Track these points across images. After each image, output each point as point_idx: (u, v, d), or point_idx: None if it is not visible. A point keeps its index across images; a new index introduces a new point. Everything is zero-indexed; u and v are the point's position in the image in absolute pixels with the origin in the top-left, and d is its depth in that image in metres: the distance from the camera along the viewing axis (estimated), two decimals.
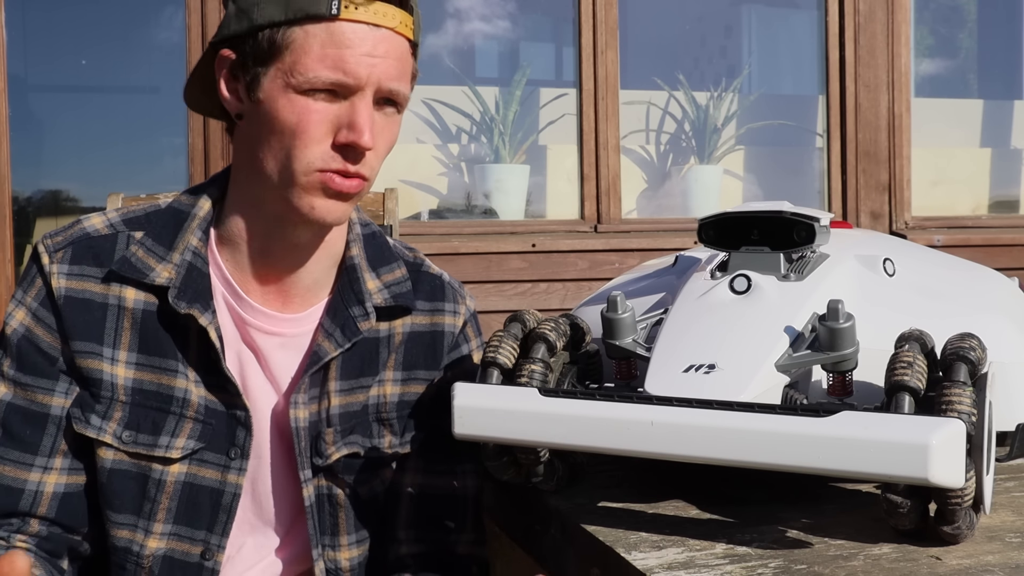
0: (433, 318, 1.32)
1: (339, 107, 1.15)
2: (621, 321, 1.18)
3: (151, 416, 1.21)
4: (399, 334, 1.30)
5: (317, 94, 1.14)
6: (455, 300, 1.34)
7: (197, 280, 1.21)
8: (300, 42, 1.13)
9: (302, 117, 1.14)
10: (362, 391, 1.28)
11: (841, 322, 1.08)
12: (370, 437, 1.28)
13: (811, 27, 3.87)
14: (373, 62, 1.14)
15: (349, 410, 1.27)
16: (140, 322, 1.21)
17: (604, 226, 3.52)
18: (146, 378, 1.21)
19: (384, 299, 1.28)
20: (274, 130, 1.16)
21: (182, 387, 1.21)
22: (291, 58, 1.14)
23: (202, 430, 1.21)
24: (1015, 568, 0.98)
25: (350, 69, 1.13)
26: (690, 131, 3.90)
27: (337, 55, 1.13)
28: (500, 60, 4.04)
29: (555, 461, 1.21)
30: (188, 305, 1.19)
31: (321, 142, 1.15)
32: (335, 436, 1.25)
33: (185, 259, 1.21)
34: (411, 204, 3.59)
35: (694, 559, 1.03)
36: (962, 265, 1.49)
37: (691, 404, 1.03)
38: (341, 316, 1.25)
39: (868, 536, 1.08)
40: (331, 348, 1.24)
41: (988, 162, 4.21)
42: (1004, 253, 3.63)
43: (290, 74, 1.14)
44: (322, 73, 1.13)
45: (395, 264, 1.31)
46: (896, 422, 0.96)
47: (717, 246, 1.24)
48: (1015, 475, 1.30)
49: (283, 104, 1.14)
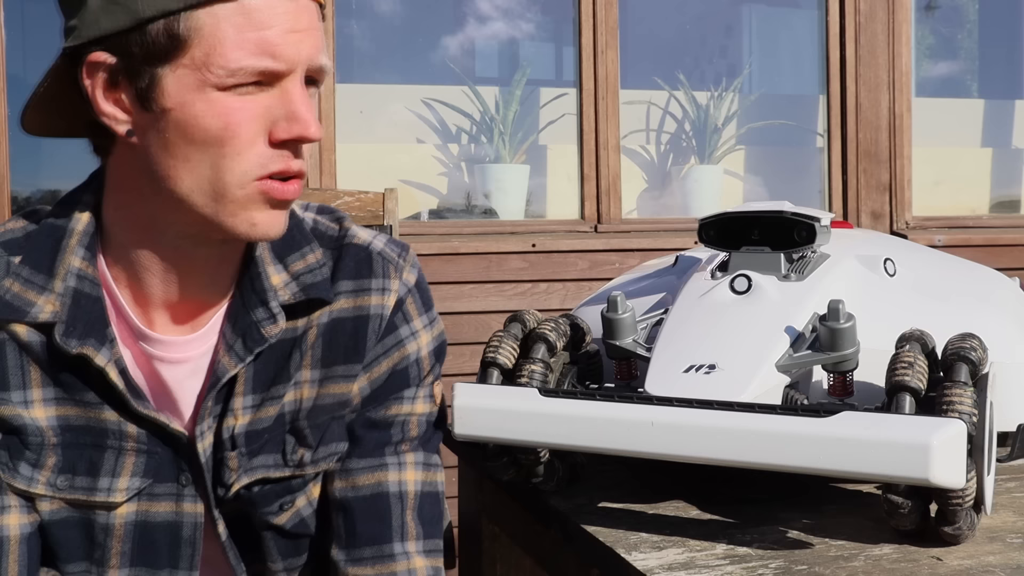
0: (357, 300, 1.11)
1: (268, 97, 0.97)
2: (621, 321, 1.18)
3: (86, 454, 1.05)
4: (314, 327, 1.09)
5: (242, 88, 0.95)
6: (384, 274, 1.12)
7: (87, 308, 1.03)
8: (210, 29, 0.94)
9: (229, 119, 0.95)
10: (274, 403, 1.09)
11: (842, 322, 1.07)
12: (282, 454, 1.10)
13: (812, 27, 3.86)
14: (300, 38, 0.97)
15: (257, 427, 1.08)
16: (43, 358, 1.04)
17: (604, 226, 3.51)
18: (71, 413, 1.05)
19: (292, 294, 1.08)
20: (192, 141, 0.96)
21: (114, 419, 1.05)
22: (201, 50, 0.94)
23: (147, 462, 1.06)
24: (1016, 569, 0.98)
25: (279, 52, 0.95)
26: (690, 131, 3.90)
27: (260, 38, 0.95)
28: (500, 60, 4.04)
29: (555, 461, 1.21)
30: (80, 343, 1.02)
31: (255, 144, 0.97)
32: (239, 460, 1.08)
33: (69, 285, 1.03)
34: (411, 204, 3.59)
35: (694, 559, 1.03)
36: (963, 265, 1.48)
37: (691, 404, 1.03)
38: (243, 323, 1.06)
39: (869, 537, 1.08)
40: (231, 364, 1.05)
41: (989, 162, 4.20)
42: (1005, 253, 3.62)
43: (205, 69, 0.94)
44: (247, 62, 0.94)
45: (308, 248, 1.10)
46: (897, 422, 0.96)
47: (717, 246, 1.24)
48: (1016, 475, 1.30)
49: (201, 108, 0.95)
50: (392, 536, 1.11)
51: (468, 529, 1.58)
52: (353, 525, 1.11)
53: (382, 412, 1.13)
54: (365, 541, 1.11)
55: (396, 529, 1.11)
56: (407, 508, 1.12)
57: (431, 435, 1.17)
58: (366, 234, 1.14)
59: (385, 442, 1.13)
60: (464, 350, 3.17)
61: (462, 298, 3.25)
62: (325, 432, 1.11)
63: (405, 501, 1.12)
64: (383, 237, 1.14)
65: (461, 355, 3.16)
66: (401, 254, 1.14)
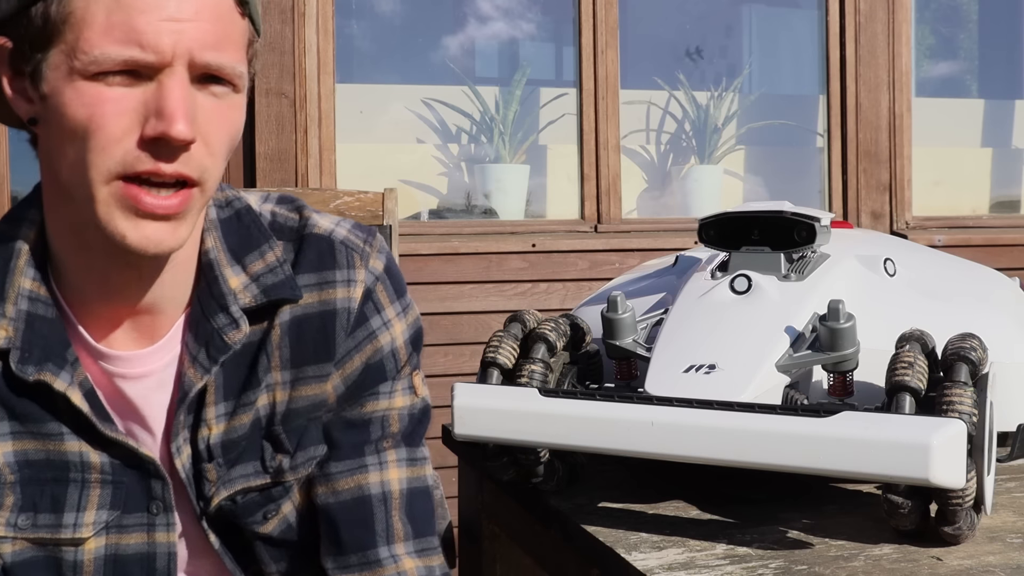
0: (322, 294, 1.04)
1: (143, 91, 0.88)
2: (621, 321, 1.18)
3: (48, 491, 0.99)
4: (277, 327, 1.03)
5: (110, 77, 0.87)
6: (349, 264, 1.05)
7: (43, 332, 0.97)
8: (80, 13, 0.87)
9: (94, 109, 0.87)
10: (246, 409, 1.03)
11: (842, 322, 1.07)
12: (261, 461, 1.05)
13: (812, 27, 3.86)
14: (178, 28, 0.87)
15: (232, 436, 1.03)
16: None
17: (604, 226, 3.51)
18: (30, 447, 0.98)
19: (253, 296, 1.02)
20: (64, 131, 0.89)
21: (75, 450, 0.99)
22: (72, 35, 0.87)
23: (113, 493, 1.00)
24: (1016, 569, 0.98)
25: (147, 40, 0.86)
26: (690, 131, 3.90)
27: (127, 23, 0.86)
28: (500, 60, 4.04)
29: (555, 461, 1.21)
30: (37, 369, 0.95)
31: (122, 140, 0.88)
32: (217, 471, 1.03)
33: (21, 309, 0.96)
34: (411, 204, 3.59)
35: (694, 559, 1.03)
36: (963, 265, 1.49)
37: (691, 404, 1.03)
38: (204, 331, 1.00)
39: (869, 536, 1.08)
40: (196, 376, 1.00)
41: (989, 162, 4.20)
42: (1005, 253, 3.62)
43: (72, 56, 0.87)
44: (110, 49, 0.86)
45: (266, 245, 1.03)
46: (897, 422, 0.96)
47: (717, 246, 1.24)
48: (1016, 475, 1.30)
49: (70, 96, 0.88)
50: (377, 541, 1.06)
51: (468, 529, 1.58)
52: (337, 532, 1.07)
53: (359, 410, 1.07)
54: (350, 548, 1.06)
55: (381, 533, 1.06)
56: (392, 509, 1.07)
57: (413, 428, 1.10)
58: (327, 222, 1.07)
59: (364, 441, 1.07)
60: (464, 350, 3.17)
61: (462, 298, 3.25)
62: (302, 436, 1.06)
63: (390, 502, 1.07)
64: (346, 223, 1.07)
65: (461, 355, 3.16)
66: (367, 240, 1.07)
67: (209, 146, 0.92)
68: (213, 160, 0.92)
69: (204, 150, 0.91)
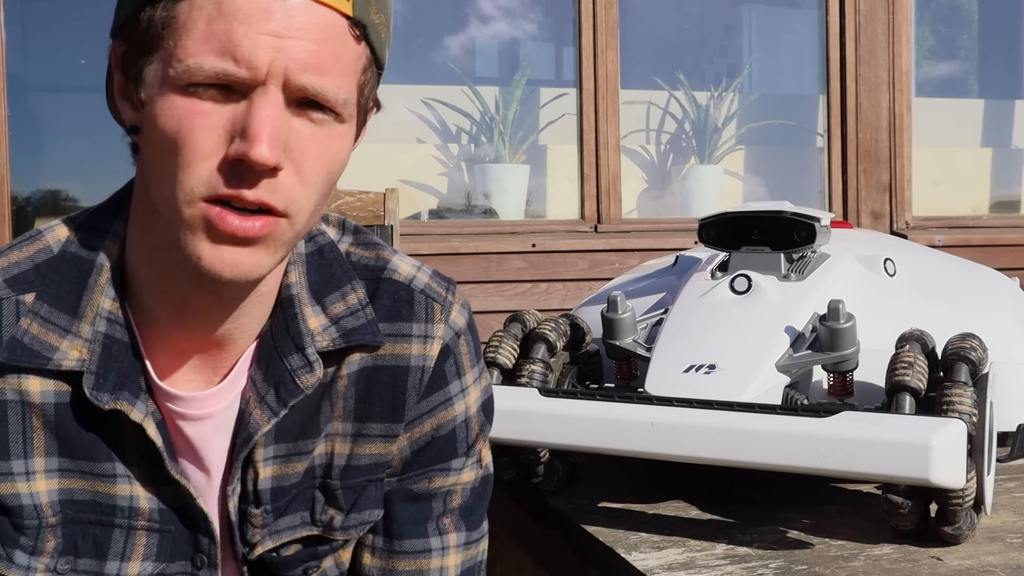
0: (396, 347, 0.97)
1: (233, 109, 0.81)
2: (621, 321, 1.18)
3: (91, 533, 0.92)
4: (344, 376, 0.96)
5: (202, 90, 0.81)
6: (428, 318, 0.98)
7: (119, 357, 0.89)
8: (183, 19, 0.81)
9: (183, 123, 0.81)
10: (302, 458, 0.96)
11: (842, 322, 1.07)
12: (311, 512, 0.98)
13: (812, 27, 3.86)
14: (278, 44, 0.80)
15: (284, 483, 0.96)
16: (54, 419, 0.90)
17: (604, 226, 3.51)
18: (76, 486, 0.92)
19: (331, 340, 0.94)
20: (155, 143, 0.83)
21: (125, 493, 0.92)
22: (171, 41, 0.81)
23: (160, 542, 0.94)
24: (1016, 568, 0.98)
25: (242, 53, 0.79)
26: (690, 131, 3.90)
27: (225, 33, 0.80)
28: (500, 60, 4.04)
29: (555, 461, 1.21)
30: (113, 397, 0.88)
31: (208, 158, 0.81)
32: (264, 518, 0.96)
33: (98, 331, 0.89)
34: (411, 204, 3.59)
35: (694, 559, 1.03)
36: (963, 265, 1.49)
37: (691, 404, 1.03)
38: (275, 371, 0.93)
39: (869, 536, 1.08)
40: (263, 418, 0.92)
41: (989, 162, 4.20)
42: (1005, 253, 3.62)
43: (168, 64, 0.81)
44: (205, 59, 0.80)
45: (348, 287, 0.96)
46: (897, 422, 0.96)
47: (717, 246, 1.24)
48: (1016, 475, 1.30)
49: (162, 106, 0.82)
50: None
51: None
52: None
53: (425, 484, 1.01)
54: None
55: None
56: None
57: (475, 501, 1.04)
58: (408, 267, 0.99)
59: (426, 518, 1.01)
60: None
61: None
62: (360, 496, 0.99)
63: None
64: (427, 269, 1.00)
65: None
66: (449, 289, 1.00)
67: (301, 175, 0.84)
68: (305, 192, 0.84)
69: (295, 179, 0.83)
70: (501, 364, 1.18)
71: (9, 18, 3.27)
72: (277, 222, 0.83)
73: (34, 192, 3.89)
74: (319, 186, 0.85)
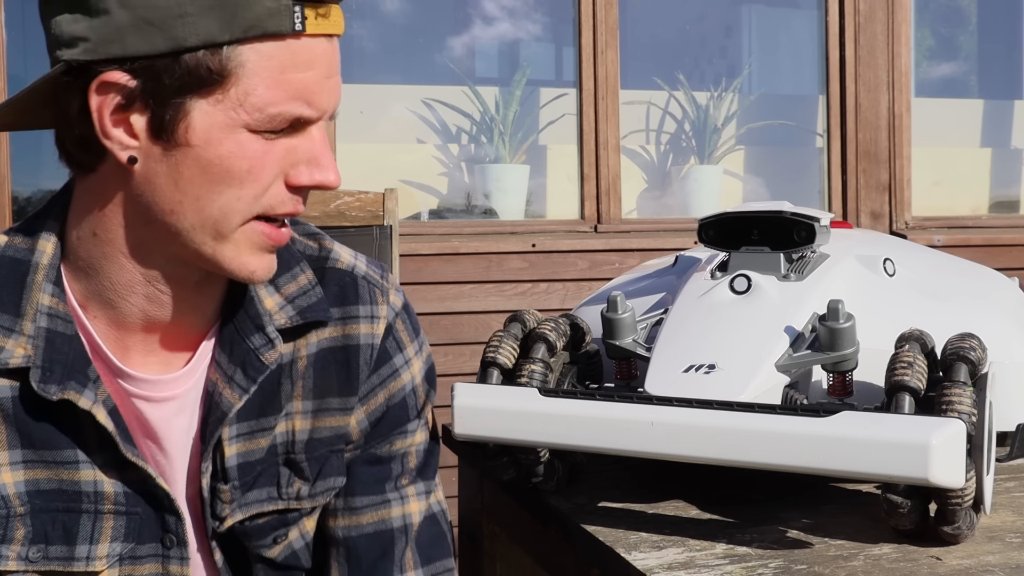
0: (346, 328, 1.06)
1: (291, 140, 0.92)
2: (621, 321, 1.18)
3: (60, 520, 0.96)
4: (303, 357, 1.04)
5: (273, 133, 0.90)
6: (372, 300, 1.07)
7: (63, 349, 0.94)
8: (252, 66, 0.87)
9: (256, 163, 0.90)
10: (265, 434, 1.03)
11: (841, 322, 1.07)
12: (277, 487, 1.05)
13: (811, 27, 3.87)
14: (332, 85, 0.93)
15: (250, 459, 1.02)
16: (12, 413, 0.95)
17: (604, 226, 3.52)
18: (41, 476, 0.96)
19: (289, 317, 1.02)
20: (211, 179, 0.90)
21: (89, 479, 0.96)
22: (240, 87, 0.88)
23: (127, 524, 0.98)
24: (1015, 568, 0.98)
25: (316, 100, 0.91)
26: (690, 131, 3.90)
27: (300, 83, 0.89)
28: (500, 60, 4.04)
29: (555, 461, 1.21)
30: (60, 388, 0.93)
31: (270, 186, 0.92)
32: (232, 493, 1.02)
33: (40, 326, 0.94)
34: (411, 204, 3.59)
35: (694, 559, 1.03)
36: (962, 265, 1.49)
37: (691, 404, 1.03)
38: (239, 351, 1.00)
39: (868, 536, 1.08)
40: (235, 397, 0.99)
41: (988, 162, 4.21)
42: (1004, 253, 3.62)
43: (240, 109, 0.88)
44: (285, 107, 0.89)
45: (297, 268, 1.05)
46: (896, 422, 0.96)
47: (717, 246, 1.24)
48: (1015, 475, 1.30)
49: (231, 148, 0.89)
50: (393, 570, 1.08)
51: (468, 529, 1.58)
52: (359, 562, 1.08)
53: (385, 448, 1.10)
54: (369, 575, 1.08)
55: (398, 562, 1.09)
56: (410, 539, 1.09)
57: (427, 460, 1.13)
58: (347, 255, 1.09)
59: (386, 477, 1.09)
60: (464, 350, 3.17)
61: (462, 298, 3.25)
62: (323, 465, 1.06)
63: (409, 533, 1.10)
64: (362, 258, 1.11)
65: (461, 355, 3.16)
66: (384, 276, 1.10)
67: None
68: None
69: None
70: (501, 364, 1.18)
71: (9, 18, 3.28)
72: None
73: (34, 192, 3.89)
74: None
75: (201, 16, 0.85)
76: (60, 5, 0.89)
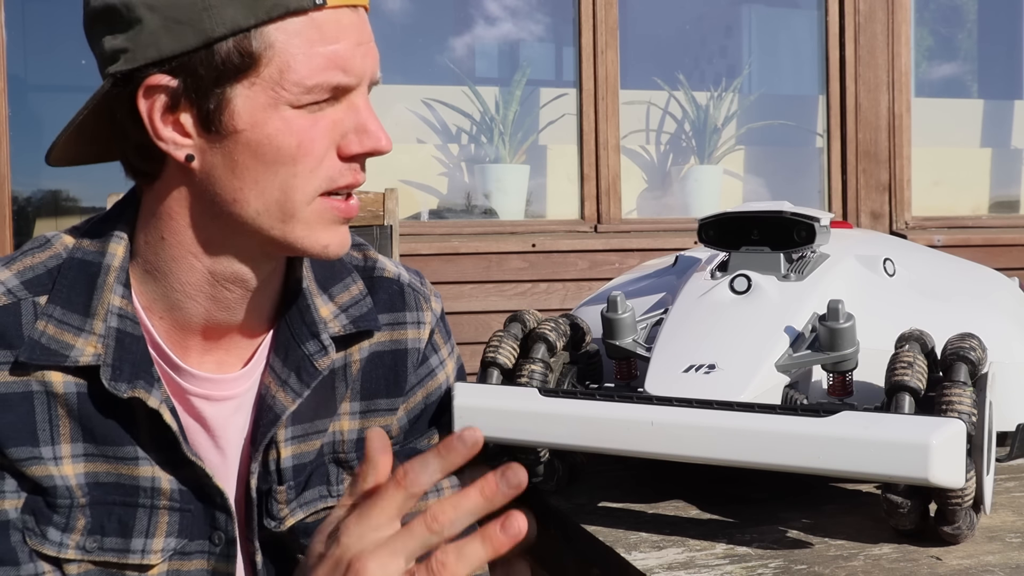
0: (394, 334, 1.12)
1: (335, 111, 0.95)
2: (621, 321, 1.18)
3: (116, 513, 1.00)
4: (356, 361, 1.09)
5: (315, 105, 0.93)
6: (418, 307, 1.14)
7: (132, 349, 0.98)
8: (281, 45, 0.91)
9: (303, 137, 0.93)
10: (318, 436, 1.08)
11: (841, 322, 1.07)
12: (327, 484, 1.09)
13: (811, 27, 3.87)
14: (365, 51, 0.95)
15: (303, 460, 1.07)
16: (77, 408, 0.98)
17: (604, 226, 3.52)
18: (100, 469, 1.00)
19: (343, 326, 1.07)
20: (264, 161, 0.93)
21: (147, 475, 1.00)
22: (274, 67, 0.91)
23: (181, 521, 1.02)
24: (1015, 568, 0.98)
25: (351, 66, 0.94)
26: (690, 131, 3.90)
27: (332, 53, 0.92)
28: (500, 60, 4.04)
29: (555, 461, 1.21)
30: (130, 386, 0.97)
31: (324, 160, 0.95)
32: (288, 494, 1.06)
33: (111, 326, 0.98)
34: (411, 204, 3.59)
35: (694, 559, 1.03)
36: (962, 265, 1.49)
37: (691, 404, 1.03)
38: (294, 356, 1.04)
39: (868, 536, 1.08)
40: (288, 400, 1.03)
41: (988, 162, 4.21)
42: (1004, 253, 3.63)
43: (279, 87, 0.91)
44: (322, 78, 0.92)
45: (349, 278, 1.10)
46: (896, 422, 0.96)
47: (717, 246, 1.24)
48: (1015, 475, 1.30)
49: (277, 127, 0.92)
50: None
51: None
52: None
53: (425, 442, 1.15)
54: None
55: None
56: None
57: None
58: (391, 265, 1.15)
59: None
60: (464, 350, 3.16)
61: (462, 298, 3.25)
62: None
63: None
64: (401, 266, 1.16)
65: (461, 355, 3.16)
66: (423, 283, 1.17)
67: None
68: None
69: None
70: (501, 364, 1.18)
71: (9, 18, 3.28)
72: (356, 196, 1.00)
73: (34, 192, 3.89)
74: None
75: (224, 6, 0.89)
76: (101, 28, 0.94)
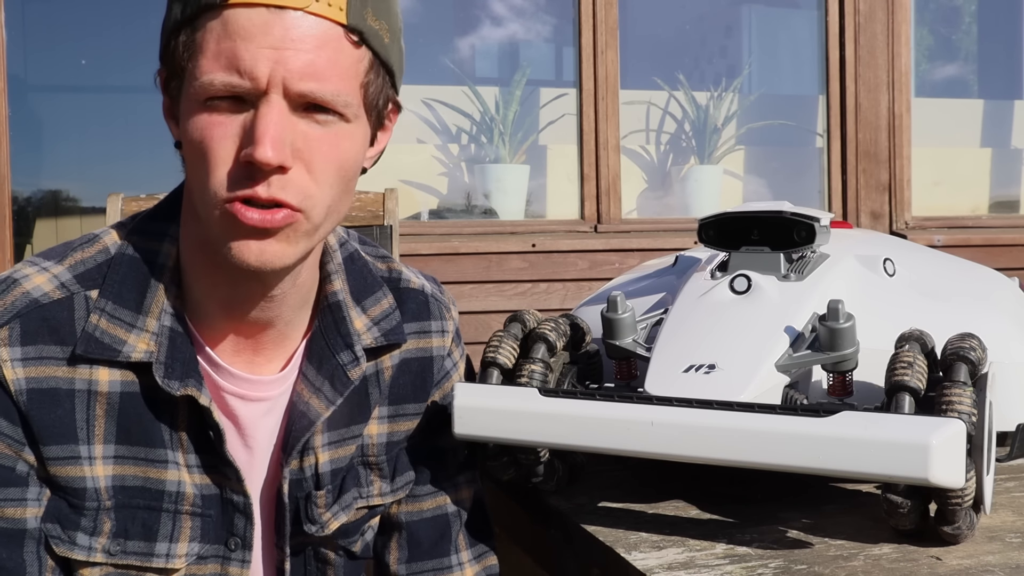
0: (420, 342, 1.16)
1: (244, 118, 0.91)
2: (621, 321, 1.18)
3: (139, 517, 1.01)
4: (388, 368, 1.13)
5: (217, 103, 0.91)
6: (441, 316, 1.18)
7: (182, 348, 0.99)
8: (199, 43, 0.92)
9: (204, 135, 0.92)
10: (353, 440, 1.12)
11: (841, 322, 1.07)
12: (359, 486, 1.13)
13: (811, 27, 3.87)
14: (277, 56, 0.89)
15: (339, 465, 1.11)
16: (117, 408, 0.99)
17: (604, 226, 3.52)
18: (128, 472, 1.00)
19: (375, 338, 1.10)
20: (189, 155, 0.95)
21: (174, 479, 1.01)
22: (192, 64, 0.92)
23: (203, 526, 1.03)
24: (1015, 568, 0.98)
25: (245, 66, 0.89)
26: (690, 131, 3.90)
27: (230, 50, 0.89)
28: (500, 60, 4.04)
29: (555, 461, 1.21)
30: (182, 384, 0.98)
31: (226, 162, 0.92)
32: (327, 498, 1.09)
33: (164, 325, 0.99)
34: (411, 204, 3.59)
35: (694, 559, 1.03)
36: (962, 265, 1.49)
37: (691, 404, 1.03)
38: (328, 365, 1.06)
39: (868, 536, 1.08)
40: (322, 407, 1.06)
41: (988, 162, 4.21)
42: (1004, 253, 3.62)
43: (191, 82, 0.92)
44: (216, 76, 0.90)
45: (380, 292, 1.13)
46: (896, 422, 0.96)
47: (717, 246, 1.24)
48: (1015, 475, 1.30)
49: (190, 122, 0.93)
50: (450, 550, 1.19)
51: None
52: (419, 544, 1.19)
53: (441, 442, 1.18)
54: (429, 555, 1.19)
55: (453, 542, 1.20)
56: (462, 523, 1.20)
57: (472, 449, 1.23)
58: (413, 276, 1.18)
59: (444, 466, 1.20)
60: None
61: (462, 298, 3.25)
62: (397, 463, 1.16)
63: (462, 517, 1.20)
64: (420, 274, 1.20)
65: None
66: (442, 291, 1.21)
67: (313, 173, 0.93)
68: (318, 188, 0.94)
69: (307, 177, 0.93)
70: (501, 364, 1.18)
71: (9, 18, 3.27)
72: (294, 215, 0.93)
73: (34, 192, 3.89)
74: (331, 182, 0.95)
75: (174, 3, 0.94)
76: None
